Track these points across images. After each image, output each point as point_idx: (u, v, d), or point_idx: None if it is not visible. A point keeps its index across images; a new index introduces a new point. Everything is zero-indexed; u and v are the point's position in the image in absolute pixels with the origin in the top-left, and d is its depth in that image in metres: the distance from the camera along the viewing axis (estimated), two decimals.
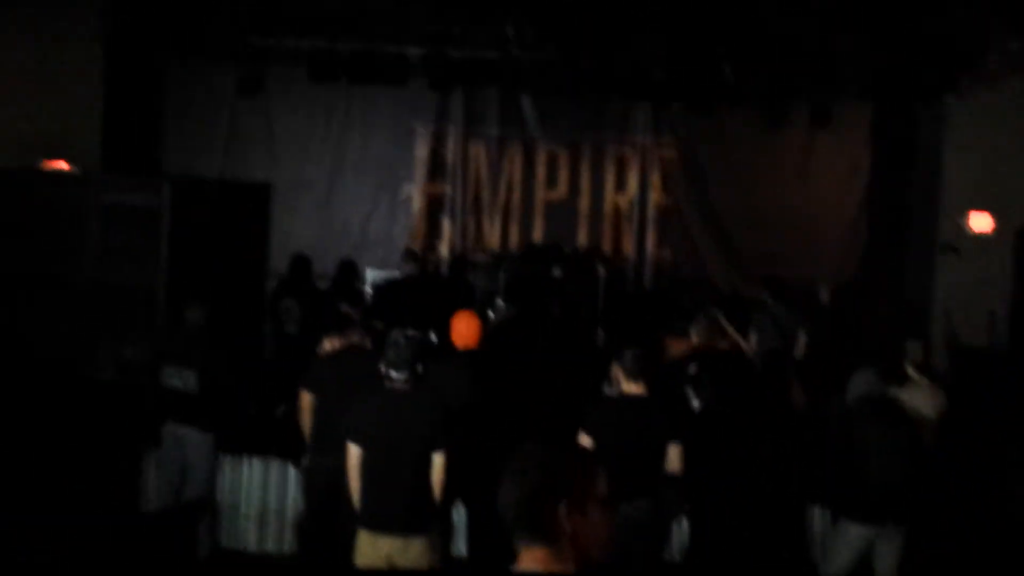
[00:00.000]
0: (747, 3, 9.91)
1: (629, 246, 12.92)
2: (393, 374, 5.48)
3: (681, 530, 6.69)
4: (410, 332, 5.80)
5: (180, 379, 6.88)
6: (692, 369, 6.73)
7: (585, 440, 5.55)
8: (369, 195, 12.81)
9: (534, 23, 10.84)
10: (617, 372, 5.96)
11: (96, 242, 8.63)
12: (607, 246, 12.85)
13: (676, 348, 7.65)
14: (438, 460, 5.39)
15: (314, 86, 11.82)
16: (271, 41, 11.33)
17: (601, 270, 11.25)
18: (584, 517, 2.33)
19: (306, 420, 6.43)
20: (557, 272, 10.64)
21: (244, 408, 7.63)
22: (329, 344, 6.73)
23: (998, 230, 11.17)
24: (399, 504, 5.37)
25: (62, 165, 9.42)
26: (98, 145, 10.18)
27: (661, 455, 5.72)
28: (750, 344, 8.93)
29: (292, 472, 7.27)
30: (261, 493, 7.40)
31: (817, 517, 6.92)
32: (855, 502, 5.82)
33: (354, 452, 5.44)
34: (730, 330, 8.89)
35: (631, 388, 5.85)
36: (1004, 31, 10.05)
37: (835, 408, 6.31)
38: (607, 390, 6.80)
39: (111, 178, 9.32)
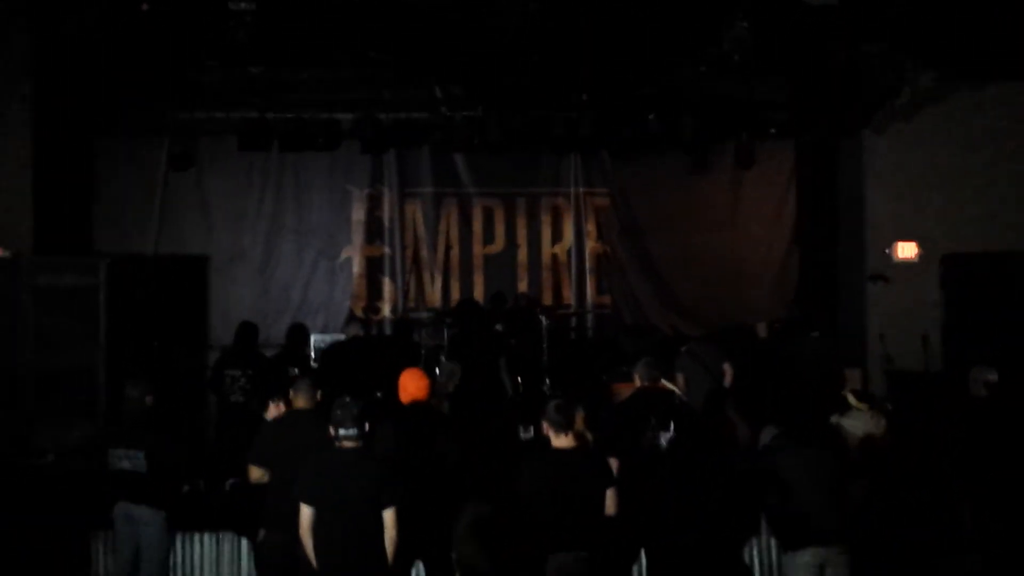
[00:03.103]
0: (668, 53, 10.20)
1: (569, 295, 13.07)
2: (342, 432, 5.54)
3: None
4: (361, 395, 5.86)
5: (128, 460, 6.79)
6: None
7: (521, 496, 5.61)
8: (308, 260, 12.80)
9: (461, 84, 11.04)
10: (546, 427, 5.92)
11: (32, 326, 8.52)
12: (547, 296, 12.99)
13: (622, 391, 7.74)
14: (388, 517, 5.44)
15: (246, 155, 11.89)
16: (200, 114, 11.39)
17: (543, 320, 11.36)
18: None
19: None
20: (499, 327, 10.73)
21: (193, 484, 7.54)
22: (274, 409, 6.71)
23: (924, 257, 11.52)
24: (352, 562, 5.42)
25: None
26: (30, 228, 10.06)
27: (598, 504, 5.73)
28: (678, 384, 9.04)
29: (245, 545, 7.19)
30: (214, 568, 7.30)
31: (767, 548, 7.04)
32: (793, 532, 5.91)
33: (306, 513, 5.49)
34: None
35: (560, 442, 5.81)
36: (916, 66, 10.47)
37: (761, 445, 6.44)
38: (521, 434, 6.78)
39: (44, 260, 9.22)
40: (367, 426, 5.71)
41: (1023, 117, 11.34)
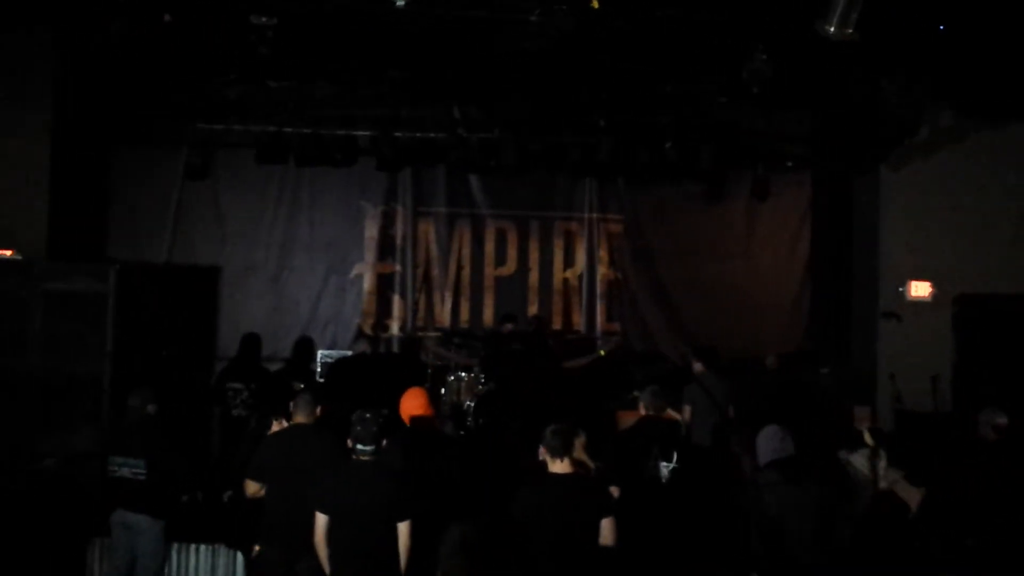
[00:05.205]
0: (687, 82, 10.19)
1: (579, 320, 13.03)
2: (359, 447, 5.62)
3: None
4: (377, 410, 5.88)
5: (128, 468, 6.78)
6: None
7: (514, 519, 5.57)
8: (319, 275, 12.81)
9: (479, 105, 11.06)
10: (543, 452, 5.86)
11: (40, 330, 8.50)
12: (557, 320, 12.95)
13: (626, 419, 7.69)
14: (403, 528, 5.51)
15: (262, 169, 11.91)
16: (218, 126, 11.45)
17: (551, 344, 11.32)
18: None
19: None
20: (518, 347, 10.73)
21: (192, 495, 7.52)
22: (277, 426, 6.69)
23: (937, 296, 11.43)
24: (367, 572, 5.49)
25: (5, 253, 9.32)
26: (44, 233, 10.11)
27: (592, 532, 5.63)
28: (684, 416, 8.98)
29: (240, 558, 7.15)
30: None
31: None
32: (777, 567, 5.80)
33: (321, 520, 5.56)
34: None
35: (556, 467, 5.73)
36: (936, 104, 10.42)
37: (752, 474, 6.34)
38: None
39: (55, 265, 9.19)
40: (384, 441, 5.78)
41: None
